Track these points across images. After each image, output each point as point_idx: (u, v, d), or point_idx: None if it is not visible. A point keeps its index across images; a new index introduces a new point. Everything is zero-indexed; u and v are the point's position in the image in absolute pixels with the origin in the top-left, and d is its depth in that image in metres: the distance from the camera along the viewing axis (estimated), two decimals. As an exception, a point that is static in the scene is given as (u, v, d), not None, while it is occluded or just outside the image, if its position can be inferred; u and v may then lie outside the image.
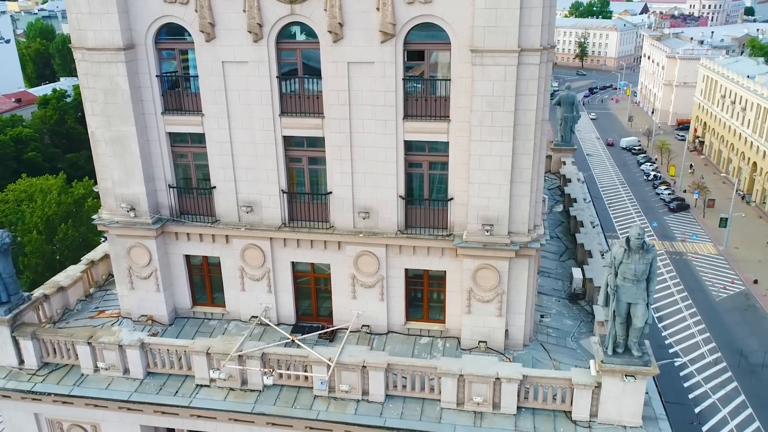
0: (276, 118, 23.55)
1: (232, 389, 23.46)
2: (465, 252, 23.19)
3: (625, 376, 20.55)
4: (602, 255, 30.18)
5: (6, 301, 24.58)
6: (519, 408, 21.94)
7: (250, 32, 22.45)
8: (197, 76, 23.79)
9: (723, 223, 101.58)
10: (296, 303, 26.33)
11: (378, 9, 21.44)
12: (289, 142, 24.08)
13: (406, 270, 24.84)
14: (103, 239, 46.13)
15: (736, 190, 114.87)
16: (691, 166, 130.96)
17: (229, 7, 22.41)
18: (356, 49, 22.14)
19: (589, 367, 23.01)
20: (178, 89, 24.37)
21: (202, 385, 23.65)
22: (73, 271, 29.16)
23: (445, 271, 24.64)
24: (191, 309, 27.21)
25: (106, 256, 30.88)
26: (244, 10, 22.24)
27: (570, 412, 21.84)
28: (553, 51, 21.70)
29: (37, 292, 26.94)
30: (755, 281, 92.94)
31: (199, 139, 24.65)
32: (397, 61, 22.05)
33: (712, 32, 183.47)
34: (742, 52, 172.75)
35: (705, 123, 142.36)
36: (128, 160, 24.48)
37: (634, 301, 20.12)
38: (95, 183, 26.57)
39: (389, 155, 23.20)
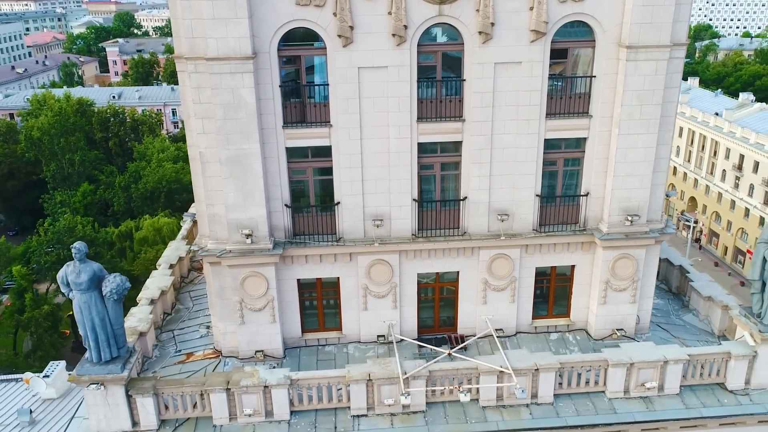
0: (413, 125, 22.47)
1: (393, 414, 22.12)
2: (607, 243, 23.71)
3: (786, 341, 22.29)
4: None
5: (117, 356, 21.16)
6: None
7: (394, 35, 21.20)
8: (324, 85, 22.01)
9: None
10: (418, 316, 25.28)
11: (531, 8, 21.25)
12: (421, 149, 23.06)
13: (536, 268, 24.88)
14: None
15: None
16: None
17: (372, 10, 21.00)
18: (504, 50, 21.78)
19: (722, 340, 24.71)
20: (300, 100, 22.36)
21: (359, 416, 22.03)
22: (142, 313, 25.59)
23: (573, 266, 25.02)
24: (301, 337, 25.10)
25: (163, 293, 27.54)
26: (389, 12, 20.96)
27: (723, 384, 23.23)
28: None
29: (122, 342, 23.36)
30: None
31: (322, 152, 22.82)
32: (545, 60, 22.02)
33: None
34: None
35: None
36: (248, 180, 22.05)
37: (788, 272, 21.90)
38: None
39: (529, 155, 23.09)
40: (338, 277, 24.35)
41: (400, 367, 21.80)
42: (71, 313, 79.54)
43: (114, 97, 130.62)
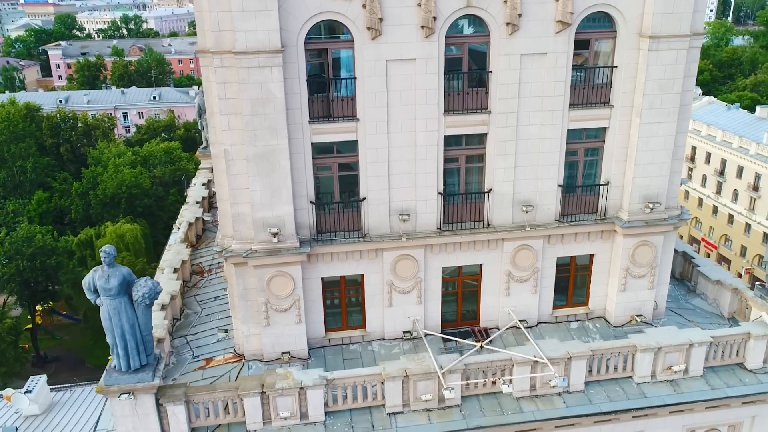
0: (440, 118, 22.35)
1: (429, 410, 21.94)
2: (628, 231, 24.09)
3: (803, 319, 23.11)
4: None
5: (145, 363, 20.29)
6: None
7: (423, 27, 21.01)
8: (351, 78, 21.65)
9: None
10: (442, 310, 25.14)
11: (557, -1, 21.44)
12: (446, 141, 22.93)
13: (557, 258, 25.09)
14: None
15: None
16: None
17: (401, 1, 20.75)
18: (531, 41, 21.87)
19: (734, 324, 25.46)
20: (326, 94, 21.92)
21: (395, 413, 21.76)
22: (156, 319, 24.43)
23: (591, 255, 25.33)
24: (325, 337, 24.62)
25: (173, 298, 26.60)
26: (418, 4, 20.76)
27: (742, 364, 23.92)
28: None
29: (142, 350, 22.39)
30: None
31: (348, 147, 22.46)
32: (569, 50, 22.21)
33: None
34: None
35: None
36: (275, 178, 21.49)
37: (804, 253, 22.71)
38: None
39: (553, 145, 23.26)
40: (362, 274, 23.98)
41: (435, 362, 21.63)
42: (30, 326, 76.25)
43: (61, 101, 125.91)
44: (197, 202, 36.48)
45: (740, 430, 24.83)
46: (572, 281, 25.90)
